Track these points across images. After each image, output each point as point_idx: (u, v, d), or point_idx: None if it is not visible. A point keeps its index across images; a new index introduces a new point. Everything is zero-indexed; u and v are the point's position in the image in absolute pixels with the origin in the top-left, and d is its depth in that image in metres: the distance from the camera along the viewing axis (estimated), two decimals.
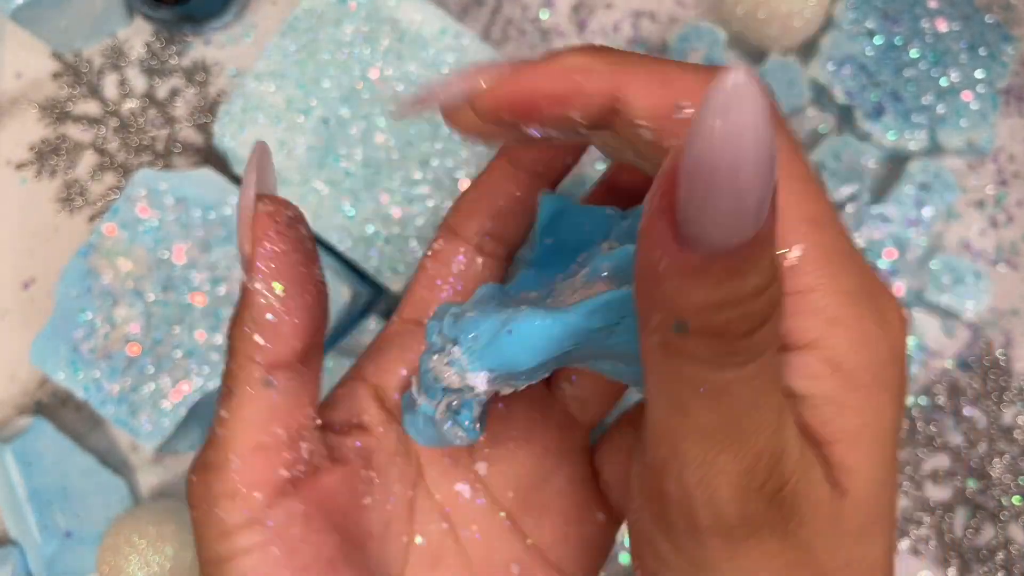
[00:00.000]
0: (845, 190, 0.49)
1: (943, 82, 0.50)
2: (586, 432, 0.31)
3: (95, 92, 0.55)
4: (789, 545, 0.18)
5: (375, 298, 0.52)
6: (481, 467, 0.29)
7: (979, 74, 0.50)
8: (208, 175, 0.47)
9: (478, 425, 0.24)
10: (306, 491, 0.24)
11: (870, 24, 0.51)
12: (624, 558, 0.50)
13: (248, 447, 0.22)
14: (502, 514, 0.28)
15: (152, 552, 0.45)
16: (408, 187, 0.46)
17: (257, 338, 0.22)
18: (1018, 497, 0.49)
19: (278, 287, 0.22)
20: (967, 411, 0.50)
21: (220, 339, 0.45)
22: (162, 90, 0.54)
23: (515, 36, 0.54)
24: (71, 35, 0.53)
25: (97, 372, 0.45)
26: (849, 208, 0.49)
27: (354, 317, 0.49)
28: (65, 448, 0.49)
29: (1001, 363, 0.51)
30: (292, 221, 0.23)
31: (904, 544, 0.49)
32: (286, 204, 0.23)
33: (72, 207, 0.54)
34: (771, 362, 0.17)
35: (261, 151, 0.23)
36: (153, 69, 0.54)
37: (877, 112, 0.50)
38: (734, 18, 0.51)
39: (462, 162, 0.46)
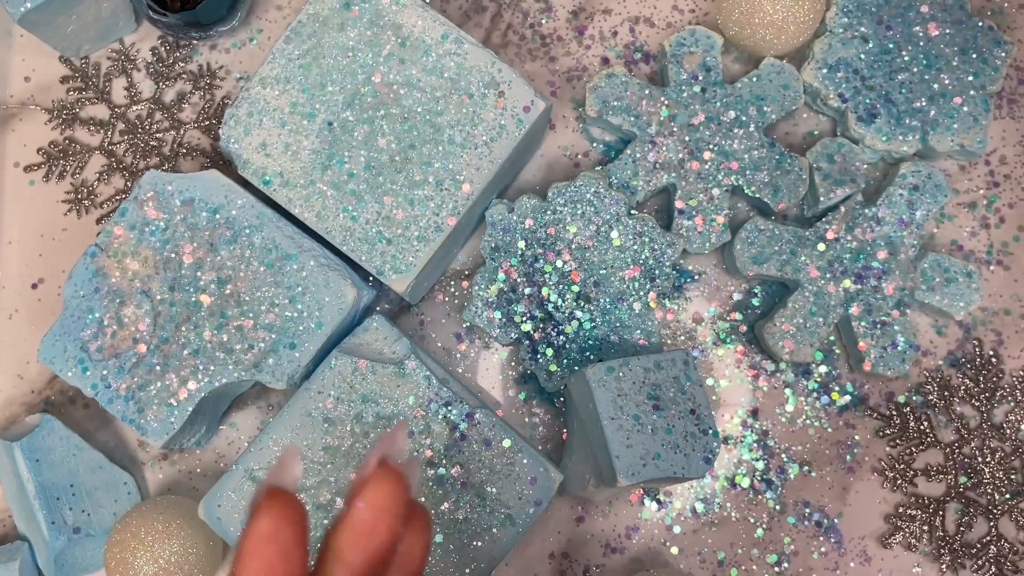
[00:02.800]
0: (838, 192, 0.50)
1: (935, 86, 0.51)
2: None
3: (103, 96, 0.55)
4: None
5: (377, 298, 0.53)
6: None
7: (971, 78, 0.51)
8: (215, 177, 0.48)
9: None
10: None
11: (863, 29, 0.51)
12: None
13: None
14: None
15: (159, 547, 0.46)
16: (410, 189, 0.47)
17: None
18: (1009, 493, 0.50)
19: None
20: (959, 409, 0.51)
21: (226, 338, 0.46)
22: (169, 94, 0.55)
23: (515, 41, 0.55)
24: (79, 40, 0.54)
25: (105, 370, 0.46)
26: (842, 210, 0.50)
27: (356, 317, 0.50)
28: (73, 445, 0.50)
29: (992, 362, 0.51)
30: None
31: (897, 539, 0.50)
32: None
33: (80, 208, 0.54)
34: None
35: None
36: (160, 73, 0.55)
37: (870, 115, 0.51)
38: (730, 23, 0.52)
39: (463, 165, 0.47)
